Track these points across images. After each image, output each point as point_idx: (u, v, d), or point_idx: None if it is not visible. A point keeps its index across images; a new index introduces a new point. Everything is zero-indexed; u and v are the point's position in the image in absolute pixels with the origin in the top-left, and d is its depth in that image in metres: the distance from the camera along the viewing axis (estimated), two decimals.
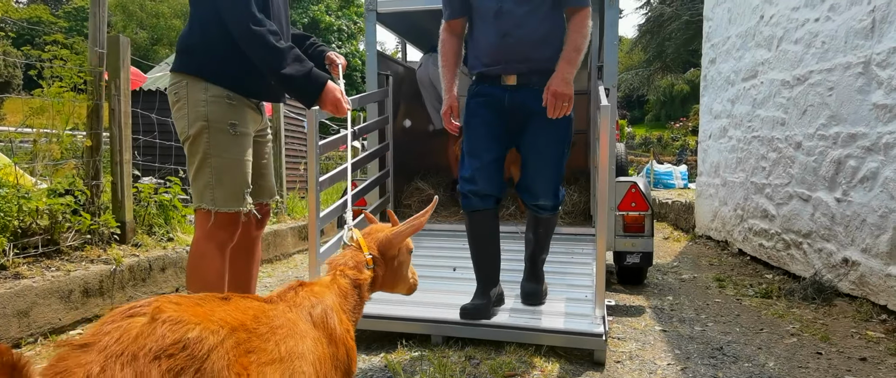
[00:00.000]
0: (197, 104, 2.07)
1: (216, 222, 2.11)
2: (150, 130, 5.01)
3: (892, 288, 3.04)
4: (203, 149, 2.09)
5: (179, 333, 0.83)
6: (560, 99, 2.38)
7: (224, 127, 2.09)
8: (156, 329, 0.82)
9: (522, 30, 2.48)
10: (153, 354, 0.79)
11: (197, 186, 2.13)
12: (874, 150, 3.26)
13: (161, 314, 0.84)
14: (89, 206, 3.45)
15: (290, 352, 0.99)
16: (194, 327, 0.85)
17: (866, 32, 3.38)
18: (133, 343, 0.79)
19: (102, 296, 3.14)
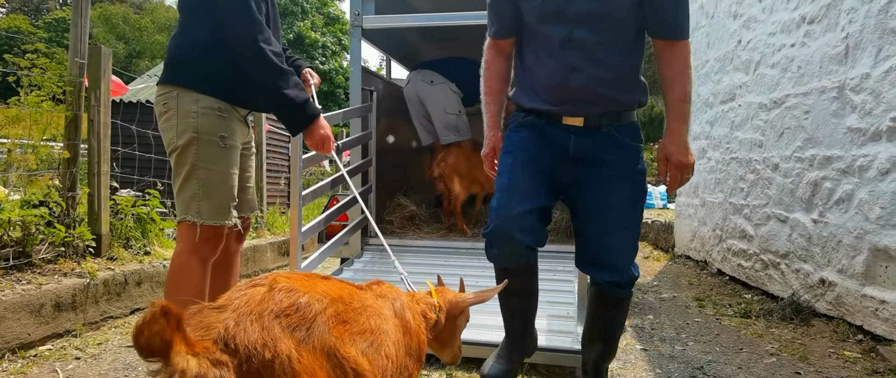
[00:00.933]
0: (187, 115, 2.04)
1: (201, 236, 2.08)
2: (130, 142, 4.95)
3: (868, 308, 3.09)
4: (191, 160, 2.05)
5: (293, 298, 1.03)
6: (685, 171, 1.91)
7: (214, 139, 2.07)
8: (274, 295, 1.02)
9: (597, 65, 1.89)
10: (274, 314, 0.99)
11: (182, 198, 2.09)
12: (849, 172, 3.32)
13: (277, 283, 1.06)
14: (64, 218, 3.38)
15: (376, 327, 1.18)
16: (304, 295, 1.06)
17: (840, 58, 3.47)
18: (258, 305, 0.99)
19: (75, 310, 3.06)
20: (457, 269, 3.37)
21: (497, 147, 2.13)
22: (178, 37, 2.13)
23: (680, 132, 1.89)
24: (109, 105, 3.66)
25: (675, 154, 1.90)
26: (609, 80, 1.91)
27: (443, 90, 4.12)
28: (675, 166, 1.90)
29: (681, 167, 1.90)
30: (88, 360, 2.72)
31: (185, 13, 2.12)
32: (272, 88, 2.03)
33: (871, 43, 3.18)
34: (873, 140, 3.13)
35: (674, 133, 1.89)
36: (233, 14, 1.98)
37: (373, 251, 3.73)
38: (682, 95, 1.88)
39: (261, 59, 1.99)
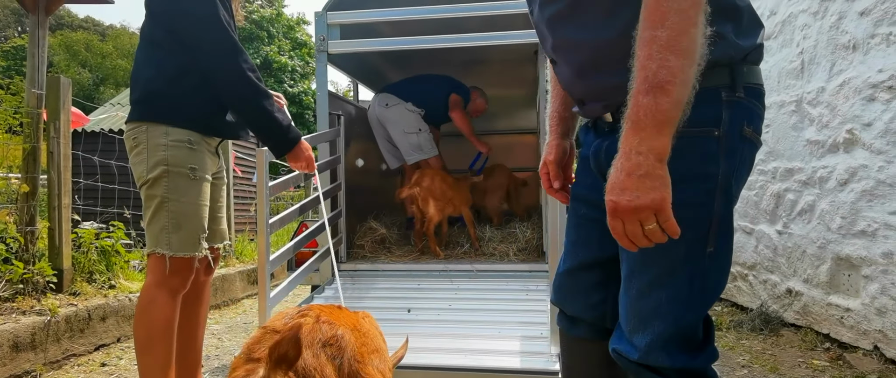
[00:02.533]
0: (157, 148, 2.04)
1: (171, 268, 2.05)
2: (93, 173, 4.83)
3: (834, 316, 3.15)
4: (162, 193, 2.04)
5: (334, 330, 1.25)
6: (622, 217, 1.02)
7: (184, 171, 2.06)
8: (321, 326, 1.24)
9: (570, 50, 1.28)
10: (321, 343, 1.21)
11: (152, 230, 2.07)
12: (810, 183, 3.40)
13: (321, 316, 1.27)
14: (23, 254, 3.27)
15: (380, 347, 1.39)
16: (340, 327, 1.27)
17: (797, 73, 3.58)
18: (310, 334, 1.20)
19: (35, 349, 2.95)
20: (431, 293, 3.34)
21: (548, 160, 1.51)
22: (142, 70, 2.10)
23: (627, 147, 1.01)
24: (69, 136, 3.58)
25: (610, 185, 1.03)
26: (591, 62, 1.21)
27: (399, 111, 4.13)
28: (609, 208, 1.03)
29: (616, 210, 1.02)
30: None
31: (148, 46, 2.10)
32: (260, 111, 2.07)
33: (825, 58, 3.29)
34: (831, 152, 3.22)
35: (621, 148, 1.02)
36: (211, 42, 1.99)
37: (344, 277, 3.68)
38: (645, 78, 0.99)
39: (247, 82, 2.03)
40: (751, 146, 1.17)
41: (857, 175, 2.99)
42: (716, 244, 1.12)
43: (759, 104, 1.17)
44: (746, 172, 1.19)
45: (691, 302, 1.14)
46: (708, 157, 1.11)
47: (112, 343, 3.50)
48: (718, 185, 1.11)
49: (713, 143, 1.11)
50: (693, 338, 1.16)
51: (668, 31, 0.97)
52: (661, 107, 0.97)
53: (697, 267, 1.12)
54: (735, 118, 1.12)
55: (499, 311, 3.02)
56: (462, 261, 3.75)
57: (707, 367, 1.18)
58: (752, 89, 1.15)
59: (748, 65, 1.15)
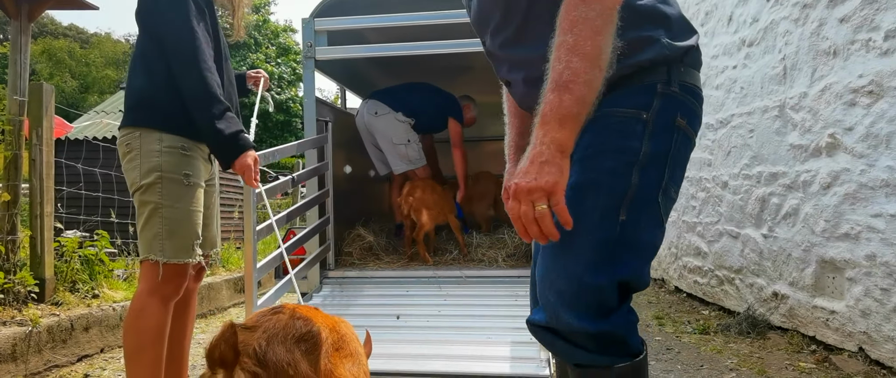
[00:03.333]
0: (150, 154, 2.03)
1: (164, 274, 2.03)
2: (76, 181, 4.77)
3: (819, 319, 3.18)
4: (155, 199, 2.03)
5: (309, 326, 1.22)
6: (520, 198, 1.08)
7: (178, 177, 2.06)
8: (295, 322, 1.21)
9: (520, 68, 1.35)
10: (295, 338, 1.18)
11: (145, 237, 2.05)
12: (794, 187, 3.44)
13: (296, 313, 1.26)
14: (3, 264, 3.21)
15: (356, 351, 1.37)
16: (315, 324, 1.25)
17: (779, 78, 3.62)
18: (283, 329, 1.18)
19: (15, 361, 2.90)
20: (419, 299, 3.33)
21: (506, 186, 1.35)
22: (135, 78, 2.11)
23: (535, 139, 1.08)
24: (53, 144, 3.53)
25: (516, 171, 1.10)
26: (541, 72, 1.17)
27: (388, 121, 4.10)
28: (510, 190, 1.09)
29: (514, 192, 1.08)
30: None
31: (140, 54, 2.11)
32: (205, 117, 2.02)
33: (807, 63, 3.34)
34: (814, 156, 3.26)
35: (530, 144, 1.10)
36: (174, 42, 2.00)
37: (332, 284, 3.66)
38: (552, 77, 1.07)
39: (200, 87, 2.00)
40: (684, 137, 1.24)
41: (840, 179, 3.03)
42: (629, 214, 1.18)
43: (694, 101, 1.25)
44: (680, 162, 1.25)
45: (599, 266, 1.17)
46: (632, 134, 1.19)
47: (95, 354, 3.45)
48: (639, 160, 1.18)
49: (640, 124, 1.19)
50: (602, 302, 1.18)
51: (574, 37, 1.07)
52: (564, 103, 1.06)
53: (608, 233, 1.17)
54: (666, 107, 1.21)
55: (488, 317, 3.01)
56: (451, 267, 3.75)
57: (616, 330, 1.19)
58: (688, 87, 1.24)
59: (685, 66, 1.25)
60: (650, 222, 1.22)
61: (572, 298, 1.19)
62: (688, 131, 1.25)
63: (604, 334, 1.18)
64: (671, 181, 1.23)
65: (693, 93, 1.26)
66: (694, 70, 1.28)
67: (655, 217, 1.23)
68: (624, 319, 1.21)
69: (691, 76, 1.26)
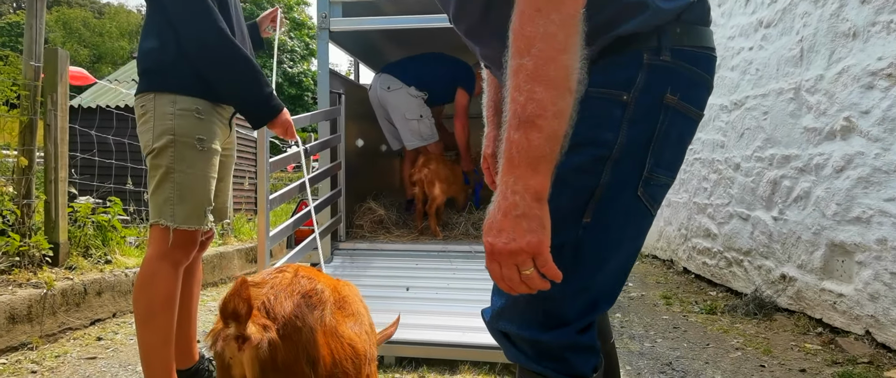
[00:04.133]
0: (164, 117, 1.99)
1: (174, 240, 2.02)
2: (89, 148, 4.81)
3: (827, 302, 3.18)
4: (167, 163, 2.00)
5: (313, 284, 1.27)
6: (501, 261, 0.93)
7: (191, 141, 2.01)
8: (299, 279, 1.26)
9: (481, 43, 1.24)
10: (300, 294, 1.23)
11: (156, 201, 2.03)
12: (806, 170, 3.42)
13: (299, 271, 1.31)
14: (19, 227, 3.26)
15: (357, 312, 1.39)
16: (319, 282, 1.29)
17: (796, 60, 3.58)
18: (289, 286, 1.23)
19: (31, 322, 2.95)
20: (429, 272, 3.36)
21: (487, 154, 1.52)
22: (147, 41, 2.07)
23: (503, 185, 0.92)
24: (67, 109, 3.55)
25: (487, 225, 0.95)
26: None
27: (400, 96, 4.08)
28: (486, 249, 0.95)
29: (490, 252, 0.94)
30: (45, 373, 2.62)
31: (151, 18, 2.07)
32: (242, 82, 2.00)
33: (825, 46, 3.29)
34: (828, 139, 3.23)
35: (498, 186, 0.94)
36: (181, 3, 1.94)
37: (343, 256, 3.69)
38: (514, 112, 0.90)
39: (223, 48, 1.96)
40: (677, 116, 1.04)
41: (854, 162, 3.01)
42: (594, 216, 1.02)
43: (692, 68, 1.04)
44: (670, 145, 1.06)
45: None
46: (606, 121, 1.01)
47: (108, 318, 3.51)
48: (611, 155, 1.00)
49: (618, 108, 1.01)
50: (552, 311, 1.04)
51: (534, 60, 0.87)
52: (534, 143, 0.88)
53: (568, 236, 1.02)
54: (653, 83, 1.01)
55: None
56: (460, 241, 3.77)
57: (555, 344, 1.04)
58: (686, 52, 1.04)
59: (684, 24, 1.04)
60: (624, 220, 1.06)
61: (522, 308, 1.06)
62: (681, 108, 1.04)
63: (541, 345, 1.05)
64: (656, 168, 1.05)
65: (692, 58, 1.05)
66: (698, 27, 1.06)
67: (633, 213, 1.06)
68: (570, 338, 1.05)
69: (692, 36, 1.05)
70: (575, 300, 1.05)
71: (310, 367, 1.17)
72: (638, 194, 1.04)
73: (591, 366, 1.08)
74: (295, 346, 1.16)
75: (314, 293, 1.25)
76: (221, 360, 1.18)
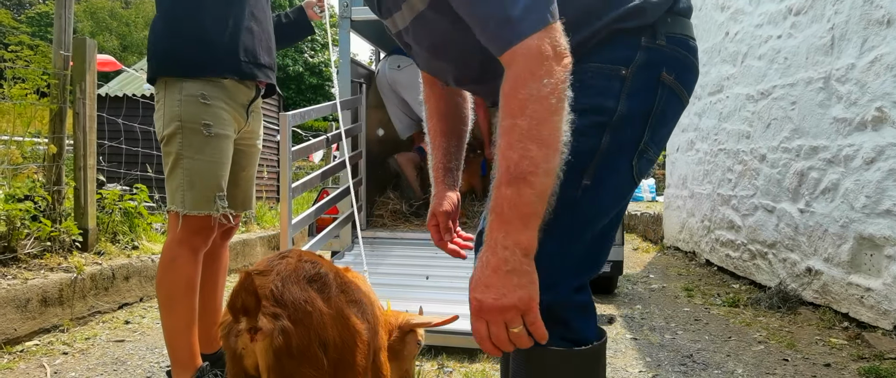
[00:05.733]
0: (172, 104, 2.02)
1: (186, 226, 2.04)
2: (116, 136, 4.90)
3: (854, 296, 3.12)
4: (176, 149, 2.02)
5: (316, 268, 1.26)
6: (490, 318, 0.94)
7: (197, 127, 2.02)
8: (303, 265, 1.25)
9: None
10: (307, 278, 1.22)
11: (170, 188, 2.07)
12: (835, 162, 3.35)
13: (303, 257, 1.29)
14: (50, 213, 3.34)
15: (360, 299, 1.37)
16: (322, 266, 1.28)
17: (826, 49, 3.50)
18: (294, 271, 1.22)
19: (62, 305, 3.03)
20: (448, 261, 3.37)
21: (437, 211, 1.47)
22: (153, 26, 2.10)
23: (492, 241, 0.94)
24: (95, 98, 3.62)
25: (473, 282, 0.96)
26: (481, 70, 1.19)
27: (412, 72, 3.95)
28: (472, 306, 0.96)
29: (477, 309, 0.95)
30: (76, 355, 2.69)
31: (159, 2, 2.09)
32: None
33: (857, 34, 3.21)
34: (858, 130, 3.16)
35: (486, 241, 0.96)
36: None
37: (363, 244, 3.72)
38: (507, 167, 0.93)
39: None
40: (671, 96, 1.11)
41: (885, 153, 2.94)
42: (593, 179, 1.06)
43: (685, 53, 1.12)
44: (664, 121, 1.13)
45: (549, 228, 1.01)
46: (606, 91, 1.06)
47: (135, 302, 3.59)
48: (611, 122, 1.05)
49: (617, 80, 1.07)
50: (549, 269, 1.01)
51: (528, 121, 0.92)
52: (525, 199, 0.92)
53: (567, 195, 1.02)
54: (651, 62, 1.08)
55: None
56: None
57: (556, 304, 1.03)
58: (677, 38, 1.11)
59: (673, 15, 1.12)
60: (616, 188, 1.11)
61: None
62: (676, 88, 1.11)
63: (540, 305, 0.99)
64: (651, 142, 1.11)
65: (684, 44, 1.12)
66: (683, 18, 1.15)
67: (624, 181, 1.11)
68: (568, 297, 1.05)
69: (681, 25, 1.13)
70: (569, 258, 1.07)
71: (322, 350, 1.17)
72: (631, 163, 1.10)
73: (594, 331, 1.09)
74: (307, 331, 1.15)
75: (319, 277, 1.25)
76: (233, 352, 1.18)
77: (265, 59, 2.19)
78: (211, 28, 2.04)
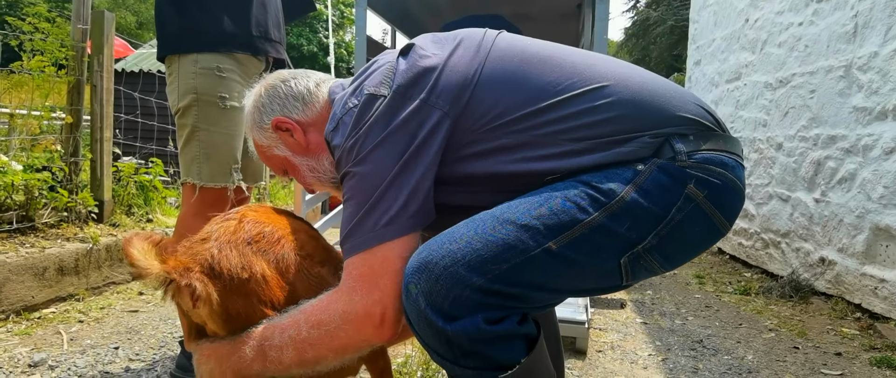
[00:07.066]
0: (187, 77, 2.03)
1: (202, 198, 2.06)
2: (133, 111, 4.93)
3: (867, 287, 3.10)
4: (192, 122, 2.03)
5: (259, 228, 1.22)
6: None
7: (213, 100, 2.04)
8: (244, 226, 1.22)
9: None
10: (245, 241, 1.19)
11: (184, 160, 2.08)
12: (853, 151, 3.31)
13: (245, 217, 1.25)
14: (67, 184, 3.38)
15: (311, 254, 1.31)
16: (268, 225, 1.24)
17: (849, 36, 3.44)
18: (233, 235, 1.19)
19: (78, 274, 3.08)
20: None
21: None
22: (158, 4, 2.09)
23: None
24: (112, 71, 3.64)
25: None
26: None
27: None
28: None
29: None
30: (91, 323, 2.74)
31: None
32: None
33: (881, 21, 3.15)
34: (879, 119, 3.12)
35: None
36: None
37: None
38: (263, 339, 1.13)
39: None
40: (698, 215, 1.03)
41: None
42: (562, 248, 0.99)
43: (715, 169, 1.03)
44: (682, 239, 1.05)
45: (485, 265, 0.98)
46: (614, 176, 1.02)
47: None
48: (609, 204, 0.99)
49: (629, 171, 1.02)
50: (460, 299, 0.98)
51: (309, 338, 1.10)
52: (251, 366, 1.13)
53: (524, 244, 0.99)
54: (672, 170, 1.02)
55: None
56: None
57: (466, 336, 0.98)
58: (705, 157, 1.04)
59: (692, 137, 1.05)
60: (592, 272, 1.04)
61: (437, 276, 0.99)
62: (705, 206, 1.02)
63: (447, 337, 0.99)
64: (655, 251, 1.03)
65: (720, 162, 1.04)
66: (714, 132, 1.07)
67: (606, 271, 1.04)
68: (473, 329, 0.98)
69: (711, 141, 1.05)
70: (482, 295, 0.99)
71: (272, 308, 1.16)
72: (620, 261, 1.03)
73: (520, 351, 1.03)
74: (246, 296, 1.14)
75: (261, 237, 1.20)
76: (180, 308, 1.19)
77: (275, 33, 2.21)
78: (223, 3, 2.05)
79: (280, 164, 1.38)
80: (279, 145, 1.33)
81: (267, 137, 1.33)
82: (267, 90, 1.33)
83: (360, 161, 1.06)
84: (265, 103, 1.32)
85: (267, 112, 1.31)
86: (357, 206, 1.06)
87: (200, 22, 2.03)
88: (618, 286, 1.09)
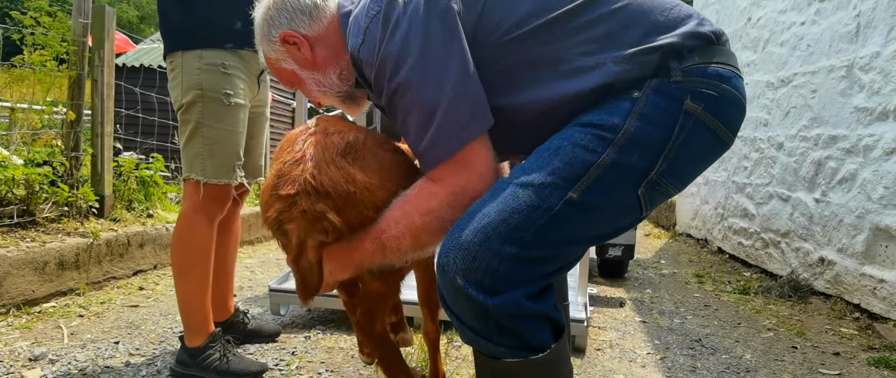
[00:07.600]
0: (191, 72, 2.02)
1: (205, 194, 2.06)
2: (133, 106, 4.93)
3: (866, 287, 3.10)
4: (196, 118, 2.03)
5: (345, 138, 1.19)
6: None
7: (218, 96, 2.03)
8: (332, 139, 1.18)
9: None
10: (340, 153, 1.16)
11: (187, 156, 2.07)
12: (854, 152, 3.31)
13: (328, 128, 1.22)
14: (68, 179, 3.38)
15: (394, 147, 1.32)
16: (350, 133, 1.21)
17: (851, 36, 3.43)
18: (325, 150, 1.15)
19: (78, 269, 3.08)
20: None
21: None
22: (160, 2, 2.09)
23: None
24: (113, 65, 3.64)
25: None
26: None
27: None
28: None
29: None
30: (92, 317, 2.74)
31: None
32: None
33: (884, 21, 3.15)
34: (880, 119, 3.11)
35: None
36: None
37: None
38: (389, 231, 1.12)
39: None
40: (701, 128, 1.04)
41: None
42: (583, 194, 1.01)
43: (714, 83, 1.05)
44: (690, 157, 1.06)
45: (516, 233, 1.00)
46: (613, 110, 1.03)
47: (149, 269, 3.64)
48: (615, 138, 1.01)
49: (627, 101, 1.03)
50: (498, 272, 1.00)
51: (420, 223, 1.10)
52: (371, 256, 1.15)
53: (547, 203, 1.01)
54: (667, 88, 1.03)
55: None
56: None
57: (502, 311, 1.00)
58: (699, 69, 1.05)
59: (687, 51, 1.06)
60: (614, 210, 1.07)
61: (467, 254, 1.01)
62: (705, 119, 1.04)
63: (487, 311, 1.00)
64: (667, 174, 1.05)
65: (715, 74, 1.05)
66: (703, 47, 1.07)
67: (626, 206, 1.06)
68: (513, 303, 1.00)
69: (705, 54, 1.06)
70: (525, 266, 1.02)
71: (375, 212, 1.16)
72: (638, 192, 1.05)
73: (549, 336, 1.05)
74: (356, 208, 1.14)
75: (351, 147, 1.19)
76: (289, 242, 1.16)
77: None
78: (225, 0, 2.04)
79: (288, 77, 1.38)
80: (287, 58, 1.33)
81: (275, 50, 1.33)
82: (275, 3, 1.32)
83: (407, 71, 1.07)
84: (273, 16, 1.31)
85: (275, 25, 1.31)
86: (424, 117, 1.07)
87: (205, 18, 2.03)
88: (637, 219, 1.11)
